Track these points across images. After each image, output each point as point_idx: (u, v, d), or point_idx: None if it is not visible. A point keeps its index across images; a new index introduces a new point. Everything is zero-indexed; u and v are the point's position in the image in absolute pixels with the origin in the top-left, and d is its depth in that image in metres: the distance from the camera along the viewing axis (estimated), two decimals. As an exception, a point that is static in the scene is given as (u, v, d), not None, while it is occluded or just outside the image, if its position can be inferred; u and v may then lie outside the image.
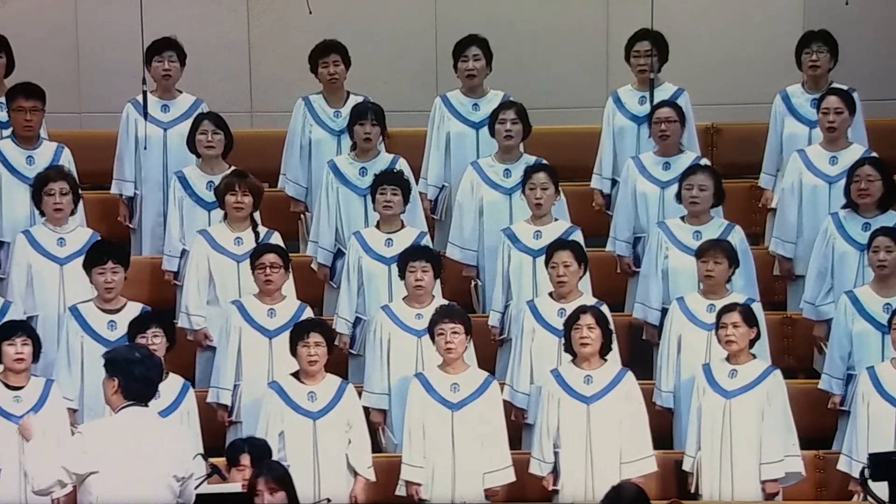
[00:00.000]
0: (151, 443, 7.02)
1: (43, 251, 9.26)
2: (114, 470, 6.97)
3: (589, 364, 8.85)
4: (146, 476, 6.99)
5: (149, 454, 6.99)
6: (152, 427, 7.10)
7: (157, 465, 7.01)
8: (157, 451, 7.02)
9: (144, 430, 7.04)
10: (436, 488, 8.77)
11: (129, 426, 7.03)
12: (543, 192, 9.52)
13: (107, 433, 7.06)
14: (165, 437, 7.11)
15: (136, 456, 6.98)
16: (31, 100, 9.59)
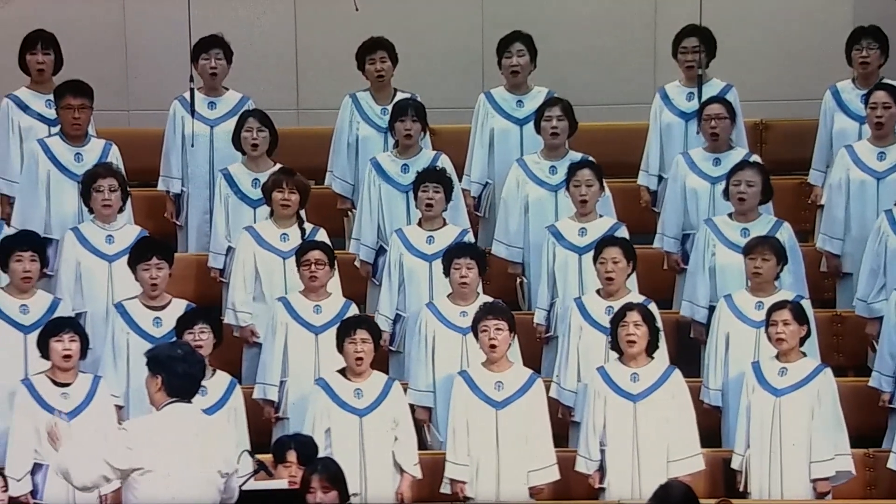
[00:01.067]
0: (195, 439, 7.03)
1: (91, 248, 9.30)
2: (158, 466, 6.98)
3: (636, 362, 8.81)
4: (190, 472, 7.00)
5: (193, 450, 7.01)
6: (196, 423, 7.11)
7: (201, 460, 7.03)
8: (200, 447, 7.03)
9: (188, 426, 7.06)
10: (480, 486, 8.75)
11: (173, 422, 7.04)
12: (588, 189, 9.48)
13: (151, 430, 7.07)
14: (209, 432, 7.12)
15: (179, 452, 6.99)
16: (79, 97, 9.62)
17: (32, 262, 8.88)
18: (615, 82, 11.23)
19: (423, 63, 10.96)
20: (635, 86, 11.10)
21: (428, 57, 11.08)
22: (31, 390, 8.55)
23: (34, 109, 9.90)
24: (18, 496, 8.44)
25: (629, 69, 11.22)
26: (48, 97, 9.80)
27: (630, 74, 11.20)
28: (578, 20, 11.24)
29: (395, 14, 11.01)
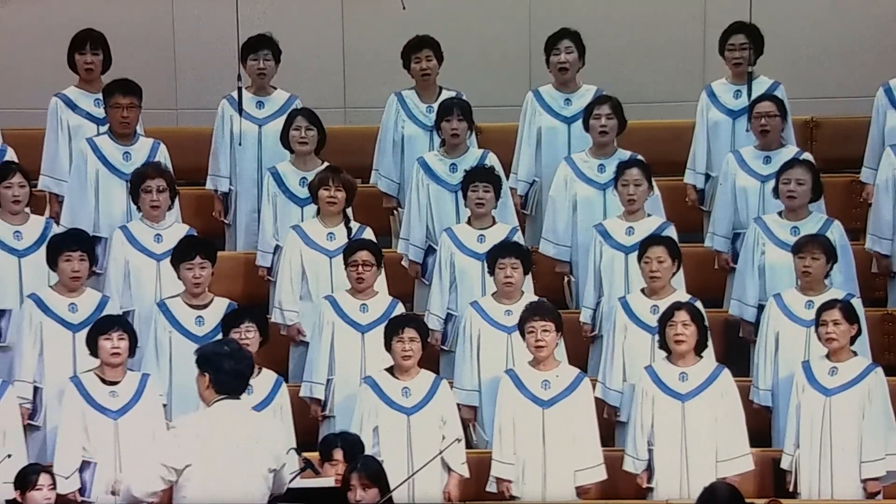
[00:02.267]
0: (244, 435, 7.05)
1: (140, 247, 9.33)
2: (207, 463, 7.00)
3: (684, 361, 8.77)
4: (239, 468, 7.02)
5: (241, 446, 7.03)
6: (245, 420, 7.13)
7: (250, 457, 7.04)
8: (249, 443, 7.05)
9: (237, 422, 7.07)
10: (526, 485, 8.74)
11: (222, 419, 7.06)
12: (636, 188, 9.44)
13: (200, 427, 7.10)
14: (258, 429, 7.14)
15: (228, 448, 7.01)
16: (127, 96, 9.65)
17: (81, 262, 8.92)
18: (664, 80, 11.19)
19: (470, 61, 10.95)
20: (684, 83, 11.05)
21: (474, 55, 11.07)
22: (80, 388, 8.59)
23: (83, 108, 9.94)
24: (66, 494, 8.47)
25: (678, 66, 11.18)
26: (97, 96, 9.84)
27: (679, 72, 11.15)
28: (626, 17, 11.20)
29: (441, 12, 11.01)
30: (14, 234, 9.22)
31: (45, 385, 8.86)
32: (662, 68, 11.20)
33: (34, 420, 8.84)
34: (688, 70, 11.14)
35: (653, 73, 11.21)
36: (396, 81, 10.28)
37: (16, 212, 9.22)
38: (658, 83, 11.18)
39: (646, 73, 11.19)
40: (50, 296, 8.94)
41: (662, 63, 11.21)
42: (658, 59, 11.22)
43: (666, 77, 11.19)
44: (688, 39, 11.20)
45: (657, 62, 11.22)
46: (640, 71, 11.18)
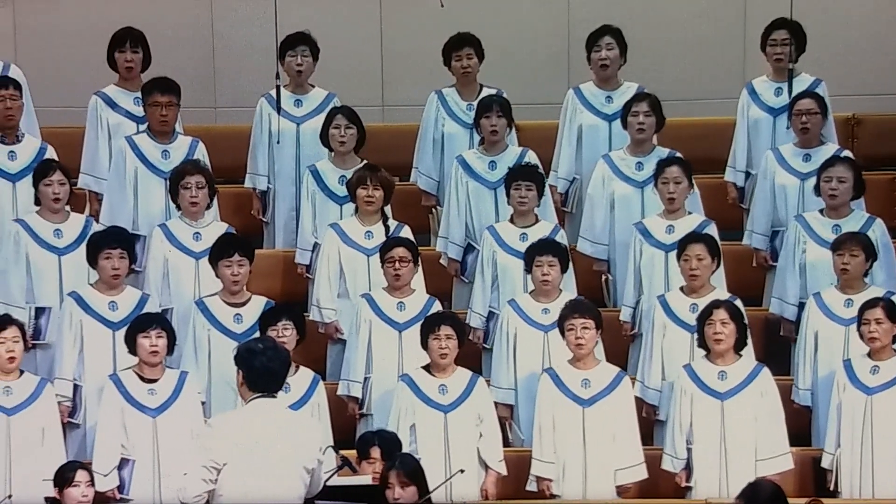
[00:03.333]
0: (279, 433, 7.05)
1: (179, 245, 9.35)
2: (242, 461, 7.00)
3: (723, 360, 8.74)
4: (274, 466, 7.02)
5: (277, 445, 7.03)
6: (280, 418, 7.12)
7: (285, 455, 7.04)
8: (284, 441, 7.04)
9: (272, 421, 7.07)
10: (567, 484, 8.71)
11: (257, 417, 7.07)
12: (677, 186, 9.41)
13: (235, 425, 7.11)
14: (293, 427, 7.14)
15: (263, 446, 7.01)
16: (166, 94, 9.67)
17: (121, 260, 8.94)
18: (704, 76, 11.14)
19: (509, 59, 10.93)
20: (725, 80, 11.00)
21: (514, 53, 11.04)
22: (119, 386, 8.62)
23: (122, 107, 9.98)
24: (105, 491, 8.51)
25: (719, 63, 11.13)
26: (136, 95, 9.86)
27: (720, 69, 11.10)
28: (667, 13, 11.15)
29: (480, 9, 10.99)
30: (54, 232, 9.26)
31: (84, 383, 8.89)
32: (703, 65, 11.15)
33: (74, 418, 8.88)
34: (728, 67, 11.09)
35: (693, 70, 11.16)
36: (435, 79, 10.28)
37: (56, 210, 9.26)
38: (698, 80, 11.14)
39: (686, 69, 11.15)
40: (90, 294, 8.98)
41: (703, 60, 11.16)
42: (698, 55, 11.17)
43: (706, 74, 11.14)
44: (728, 36, 11.15)
45: (697, 59, 11.17)
46: (681, 68, 11.13)
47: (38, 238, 9.23)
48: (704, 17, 11.17)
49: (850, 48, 11.01)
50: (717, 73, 11.11)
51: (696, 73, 11.16)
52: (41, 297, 9.18)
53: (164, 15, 11.05)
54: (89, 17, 11.06)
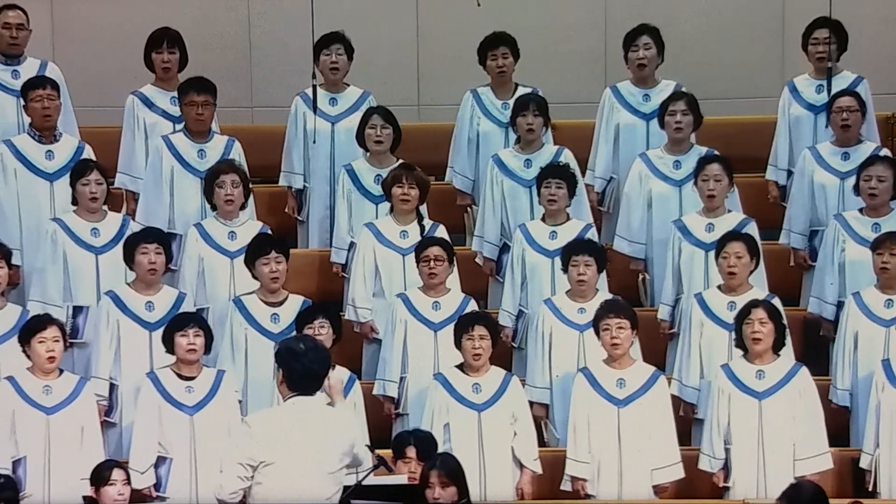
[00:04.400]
0: (316, 432, 7.05)
1: (214, 244, 9.37)
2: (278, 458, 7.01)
3: (761, 359, 8.70)
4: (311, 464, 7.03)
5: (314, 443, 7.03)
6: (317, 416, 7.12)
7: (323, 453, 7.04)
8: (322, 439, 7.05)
9: (309, 419, 7.07)
10: (602, 484, 8.68)
11: (294, 416, 7.07)
12: (717, 184, 9.36)
13: (271, 423, 7.11)
14: (331, 425, 7.13)
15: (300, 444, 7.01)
16: (202, 94, 9.70)
17: (158, 255, 8.96)
18: (743, 75, 11.09)
19: (546, 58, 10.90)
20: (763, 78, 10.94)
21: (550, 52, 11.02)
22: (157, 384, 8.65)
23: (159, 106, 10.01)
24: (142, 489, 8.54)
25: (757, 61, 11.07)
26: (173, 94, 9.89)
27: (758, 66, 11.04)
28: (705, 11, 11.10)
29: (517, 8, 10.97)
30: (91, 231, 9.30)
31: (121, 382, 8.92)
32: (742, 63, 11.10)
33: (110, 417, 8.91)
34: (767, 64, 11.03)
35: (732, 68, 11.10)
36: (471, 78, 10.26)
37: (93, 209, 9.29)
38: (738, 78, 11.08)
39: (725, 68, 11.09)
40: (127, 293, 9.01)
41: (741, 57, 11.10)
42: (738, 54, 11.12)
43: (745, 72, 11.08)
44: (767, 34, 11.09)
45: (736, 57, 11.11)
46: (720, 66, 11.08)
47: (76, 237, 9.26)
48: (743, 14, 11.11)
49: (892, 46, 10.92)
50: (755, 71, 11.06)
51: (734, 71, 11.10)
52: (79, 296, 9.21)
53: (200, 15, 11.08)
54: (126, 17, 11.11)
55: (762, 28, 11.12)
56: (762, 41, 11.11)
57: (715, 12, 11.14)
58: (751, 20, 11.13)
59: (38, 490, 8.43)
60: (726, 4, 11.14)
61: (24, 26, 9.89)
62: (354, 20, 10.59)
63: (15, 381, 8.57)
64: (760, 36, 11.12)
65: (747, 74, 11.10)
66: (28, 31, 9.92)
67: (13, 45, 9.88)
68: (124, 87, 10.14)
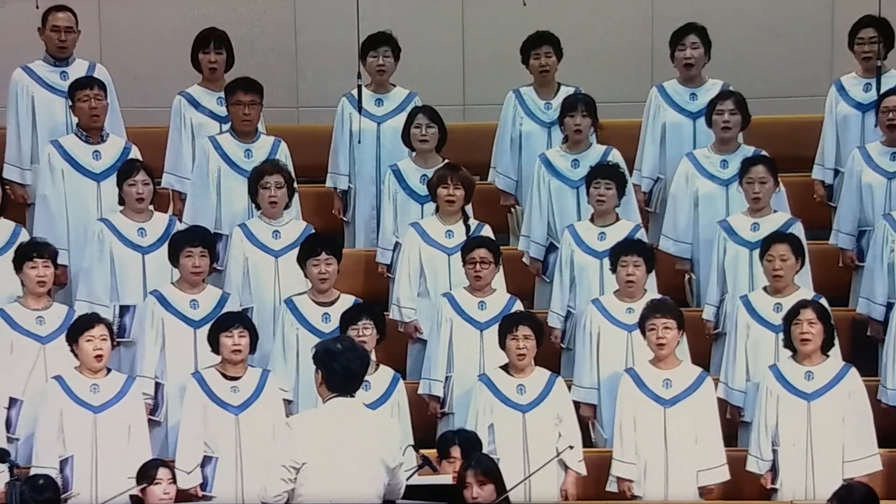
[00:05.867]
0: (357, 433, 7.03)
1: (259, 244, 9.40)
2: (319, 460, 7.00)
3: (810, 360, 8.65)
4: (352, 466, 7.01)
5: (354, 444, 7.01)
6: (358, 417, 7.11)
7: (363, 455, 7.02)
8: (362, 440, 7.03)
9: (349, 420, 7.06)
10: (648, 485, 8.65)
11: (334, 417, 7.06)
12: (762, 185, 9.32)
13: (312, 424, 7.11)
14: (371, 427, 7.12)
15: (341, 446, 7.00)
16: (249, 94, 9.72)
17: (202, 258, 9.00)
18: (790, 74, 11.02)
19: (591, 57, 10.88)
20: (811, 77, 10.88)
21: (596, 50, 10.99)
22: (202, 384, 8.68)
23: (206, 107, 10.03)
24: (188, 488, 8.57)
25: (805, 60, 11.00)
26: (220, 95, 9.91)
27: (805, 66, 10.98)
28: (751, 10, 11.04)
29: (562, 7, 10.95)
30: (138, 231, 9.34)
31: (166, 381, 8.96)
32: (789, 62, 11.03)
33: (155, 416, 8.94)
34: (815, 64, 10.96)
35: (779, 66, 11.04)
36: (516, 78, 10.24)
37: (140, 209, 9.33)
38: (785, 77, 11.02)
39: (773, 67, 11.03)
40: (171, 292, 9.04)
41: (789, 56, 11.04)
42: (784, 52, 11.05)
43: (792, 71, 11.01)
44: (816, 33, 11.02)
45: (784, 56, 11.05)
46: (767, 65, 11.02)
47: (122, 237, 9.31)
48: (791, 12, 11.04)
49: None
50: (803, 70, 10.99)
51: (782, 70, 11.04)
52: (125, 295, 9.26)
53: (247, 16, 11.11)
54: (173, 17, 11.16)
55: (811, 26, 11.05)
56: (811, 40, 11.04)
57: (763, 11, 11.08)
58: (799, 18, 11.07)
59: (84, 489, 8.47)
60: (775, 3, 11.08)
61: (73, 29, 9.95)
62: (400, 20, 10.59)
63: (63, 381, 8.62)
64: (809, 34, 11.05)
65: (795, 73, 11.03)
66: (77, 33, 9.97)
67: (62, 47, 9.93)
68: (171, 88, 10.18)
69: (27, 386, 8.81)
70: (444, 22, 11.26)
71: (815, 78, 10.85)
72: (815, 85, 10.70)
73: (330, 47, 11.04)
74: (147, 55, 11.19)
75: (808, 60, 11.04)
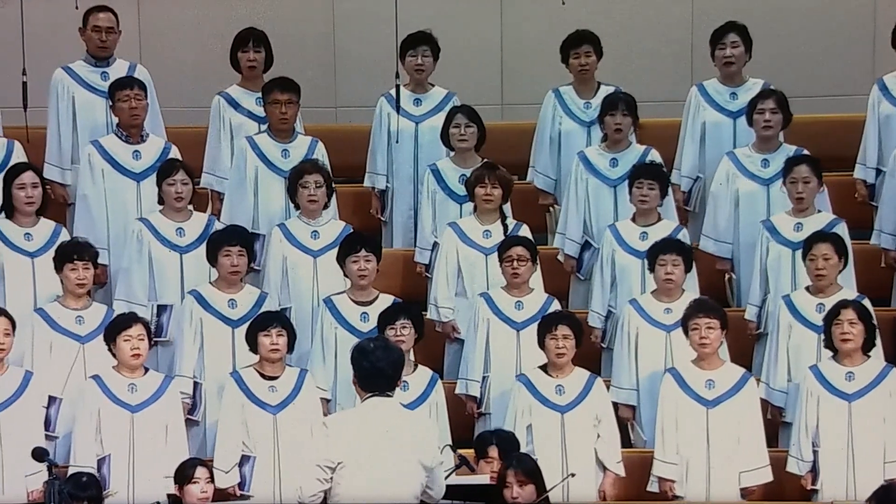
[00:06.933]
0: (393, 433, 7.02)
1: (297, 244, 9.40)
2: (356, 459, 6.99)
3: (851, 360, 8.59)
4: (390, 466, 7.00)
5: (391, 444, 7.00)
6: (394, 417, 7.09)
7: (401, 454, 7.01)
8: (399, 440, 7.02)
9: (385, 420, 7.04)
10: (690, 485, 8.61)
11: (371, 416, 7.05)
12: (805, 185, 9.27)
13: (349, 424, 7.10)
14: (408, 426, 7.10)
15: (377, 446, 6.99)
16: (286, 93, 9.73)
17: (240, 257, 9.02)
18: (832, 73, 10.96)
19: (630, 56, 10.85)
20: (853, 76, 10.80)
21: (636, 49, 10.96)
22: (240, 383, 8.69)
23: (244, 107, 10.05)
24: (226, 488, 8.58)
25: (847, 59, 10.94)
26: (258, 95, 9.92)
27: (847, 64, 10.91)
28: (793, 9, 10.98)
29: (601, 6, 10.91)
30: (177, 230, 9.36)
31: (204, 380, 8.98)
32: (831, 61, 10.96)
33: (193, 415, 8.96)
34: (857, 62, 10.89)
35: (821, 65, 10.97)
36: (555, 77, 10.21)
37: (178, 209, 9.35)
38: (826, 76, 10.95)
39: (814, 65, 10.97)
40: (210, 292, 9.06)
41: (831, 55, 10.97)
42: (826, 51, 10.98)
43: (834, 70, 10.95)
44: (858, 31, 10.95)
45: (826, 54, 10.98)
46: (809, 64, 10.95)
47: (161, 237, 9.33)
48: (833, 10, 10.98)
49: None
50: (844, 69, 10.92)
51: (823, 69, 10.97)
52: (163, 294, 9.28)
53: (286, 15, 11.13)
54: (213, 18, 11.18)
55: (852, 24, 10.99)
56: (852, 38, 10.97)
57: (804, 9, 11.02)
58: (841, 17, 11.00)
59: (122, 488, 8.49)
60: (816, 1, 11.01)
61: (114, 29, 9.98)
62: (438, 20, 10.58)
63: (100, 380, 8.65)
64: (850, 33, 10.98)
65: (837, 72, 10.97)
66: (117, 33, 10.01)
67: (102, 47, 9.96)
68: (211, 88, 10.20)
69: (66, 385, 8.84)
70: (482, 21, 11.25)
71: (857, 76, 10.78)
72: (857, 84, 10.63)
73: (368, 47, 11.04)
74: (186, 55, 11.22)
75: (850, 59, 10.97)
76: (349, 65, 11.30)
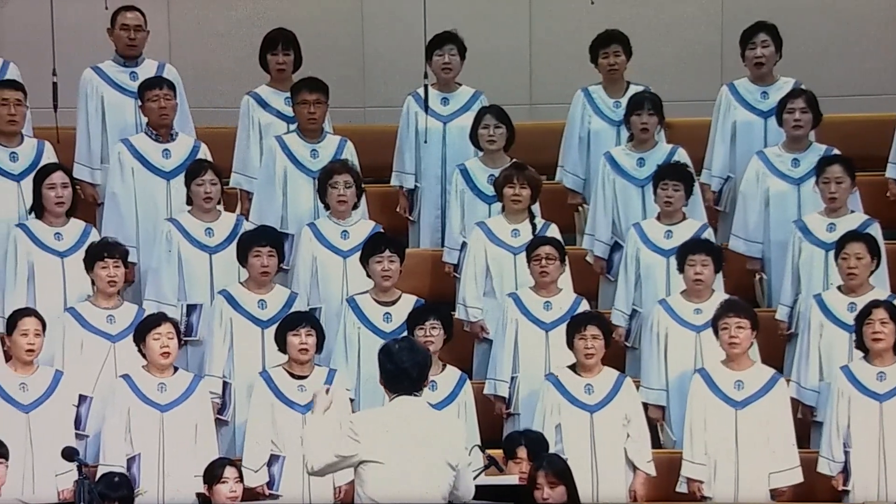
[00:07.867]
0: (420, 432, 7.00)
1: (327, 244, 9.41)
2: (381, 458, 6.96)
3: (882, 360, 8.55)
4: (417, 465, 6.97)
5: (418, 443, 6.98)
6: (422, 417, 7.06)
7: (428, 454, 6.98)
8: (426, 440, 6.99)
9: (412, 419, 7.02)
10: (718, 486, 8.58)
11: (397, 415, 7.02)
12: (838, 185, 9.23)
13: (375, 422, 7.08)
14: (435, 426, 7.07)
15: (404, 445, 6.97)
16: (314, 93, 9.73)
17: (270, 258, 9.03)
18: (863, 72, 10.90)
19: (659, 56, 10.82)
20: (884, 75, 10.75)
21: (664, 49, 10.93)
22: (269, 383, 8.70)
23: (273, 107, 10.06)
24: (255, 487, 8.59)
25: (877, 58, 10.88)
26: (287, 95, 9.92)
27: (878, 64, 10.86)
28: (823, 7, 10.93)
29: (630, 6, 10.88)
30: (206, 230, 9.37)
31: (234, 380, 8.99)
32: (861, 60, 10.91)
33: (223, 415, 8.98)
34: (887, 62, 10.83)
35: (852, 65, 10.92)
36: (583, 77, 10.19)
37: (207, 209, 9.36)
38: (857, 75, 10.90)
39: (845, 65, 10.92)
40: (239, 292, 9.07)
41: (861, 54, 10.92)
42: (857, 50, 10.94)
43: (865, 69, 10.89)
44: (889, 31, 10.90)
45: (856, 54, 10.93)
46: (839, 63, 10.90)
47: (190, 237, 9.35)
48: (863, 9, 10.92)
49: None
50: (875, 68, 10.87)
51: (854, 68, 10.92)
52: (192, 294, 9.29)
53: (315, 16, 11.13)
54: (242, 17, 11.20)
55: (882, 23, 10.93)
56: (883, 37, 10.91)
57: (834, 8, 10.97)
58: (871, 15, 10.94)
59: (151, 487, 8.51)
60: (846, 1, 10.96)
61: (143, 28, 9.99)
62: (467, 20, 10.57)
63: (130, 380, 8.67)
64: (881, 32, 10.92)
65: (868, 71, 10.91)
66: (146, 32, 10.02)
67: (131, 46, 9.98)
68: (240, 88, 10.22)
69: (97, 384, 8.87)
70: (510, 21, 11.23)
71: (889, 76, 10.73)
72: (889, 83, 10.58)
73: (397, 47, 11.04)
74: (216, 55, 11.24)
75: (882, 58, 10.91)
76: (378, 65, 11.30)
